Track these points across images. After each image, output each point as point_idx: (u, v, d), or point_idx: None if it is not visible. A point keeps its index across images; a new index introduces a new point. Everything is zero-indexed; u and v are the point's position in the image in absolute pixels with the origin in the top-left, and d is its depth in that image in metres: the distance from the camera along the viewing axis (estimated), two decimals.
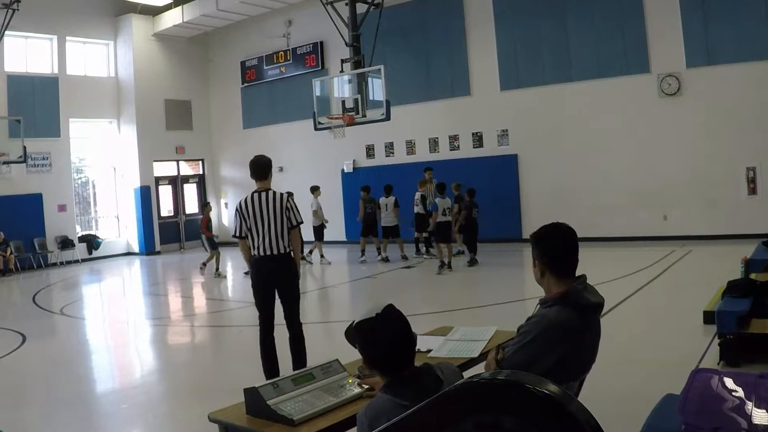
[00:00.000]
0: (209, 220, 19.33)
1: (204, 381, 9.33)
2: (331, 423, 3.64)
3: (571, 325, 3.64)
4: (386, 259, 18.64)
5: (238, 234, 7.92)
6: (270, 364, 7.92)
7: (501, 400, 2.09)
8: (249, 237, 7.87)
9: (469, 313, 11.80)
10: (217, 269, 18.72)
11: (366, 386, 3.95)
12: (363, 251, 19.44)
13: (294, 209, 7.91)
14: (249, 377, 8.67)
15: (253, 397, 3.79)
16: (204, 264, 18.97)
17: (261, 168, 8.07)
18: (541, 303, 3.84)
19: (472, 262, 16.74)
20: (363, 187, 19.61)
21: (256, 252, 7.83)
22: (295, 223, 7.84)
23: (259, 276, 7.90)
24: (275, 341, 8.01)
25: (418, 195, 18.76)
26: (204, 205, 21.06)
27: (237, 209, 7.98)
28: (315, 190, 19.86)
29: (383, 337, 3.14)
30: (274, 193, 7.90)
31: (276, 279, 7.88)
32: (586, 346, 3.77)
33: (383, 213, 18.93)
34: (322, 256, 19.81)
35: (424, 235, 18.89)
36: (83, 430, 7.65)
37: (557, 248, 3.85)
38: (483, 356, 4.41)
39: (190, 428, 7.35)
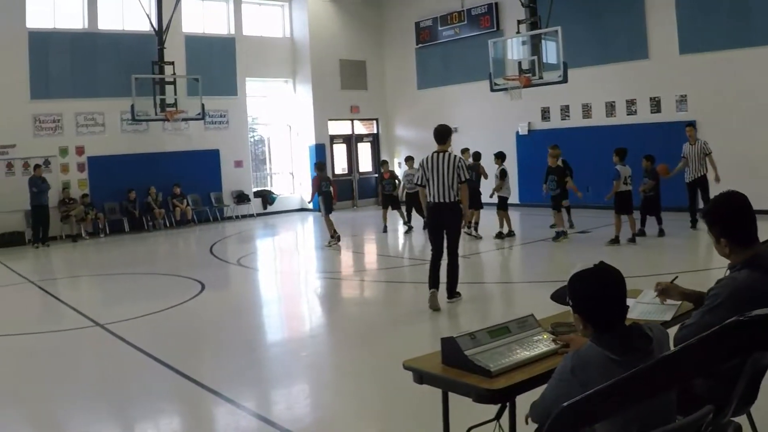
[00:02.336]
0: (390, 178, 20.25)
1: (381, 333, 9.64)
2: (527, 376, 3.65)
3: (759, 287, 3.65)
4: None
5: (419, 183, 10.45)
6: (434, 275, 10.39)
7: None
8: (427, 187, 10.23)
9: (652, 281, 11.67)
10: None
11: (561, 342, 4.00)
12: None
13: (463, 168, 10.14)
14: (425, 332, 8.95)
15: (450, 346, 3.83)
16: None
17: (439, 134, 10.42)
18: (730, 268, 3.93)
19: (661, 233, 16.10)
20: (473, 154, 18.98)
21: (431, 199, 10.21)
22: (463, 179, 10.11)
23: (432, 218, 10.41)
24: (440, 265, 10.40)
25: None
26: (381, 164, 21.87)
27: (420, 164, 10.41)
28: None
29: (601, 288, 3.18)
30: (449, 154, 10.25)
31: (444, 221, 10.24)
32: None
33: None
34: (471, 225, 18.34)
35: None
36: (265, 375, 8.13)
37: (737, 217, 3.89)
38: (675, 320, 4.42)
39: (378, 374, 7.79)
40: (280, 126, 28.42)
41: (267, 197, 26.91)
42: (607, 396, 2.55)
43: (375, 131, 29.64)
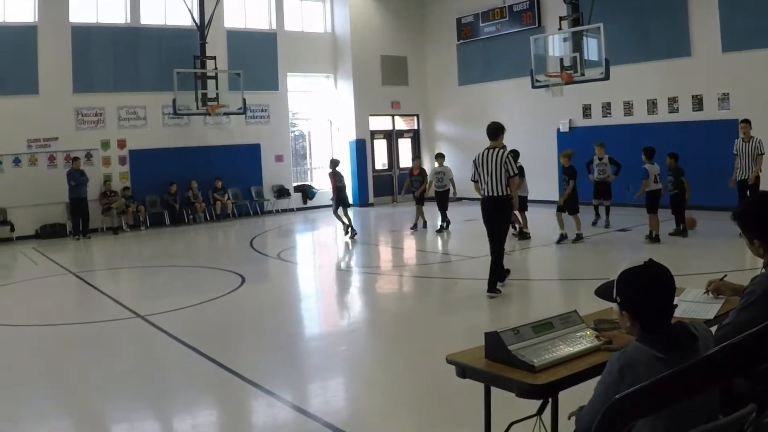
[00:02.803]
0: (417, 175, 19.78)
1: (419, 328, 9.66)
2: (570, 372, 3.66)
3: None
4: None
5: (472, 178, 11.04)
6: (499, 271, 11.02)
7: None
8: (478, 182, 10.85)
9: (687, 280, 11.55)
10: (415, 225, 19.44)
11: (603, 339, 3.99)
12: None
13: (511, 163, 10.66)
14: (462, 327, 8.95)
15: (493, 341, 3.84)
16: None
17: (492, 131, 10.94)
18: (765, 266, 3.97)
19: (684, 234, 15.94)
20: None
21: (483, 193, 10.78)
22: (511, 173, 10.65)
23: (483, 210, 10.89)
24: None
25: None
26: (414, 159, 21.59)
27: (473, 161, 10.98)
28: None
29: (650, 285, 3.16)
30: (499, 150, 10.73)
31: (494, 213, 10.75)
32: None
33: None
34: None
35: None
36: (304, 368, 8.19)
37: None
38: (717, 318, 4.40)
39: (416, 369, 7.81)
40: (320, 121, 28.49)
41: (307, 192, 26.99)
42: (655, 391, 2.54)
43: (415, 127, 29.58)
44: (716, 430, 2.80)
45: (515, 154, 17.01)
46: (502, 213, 10.81)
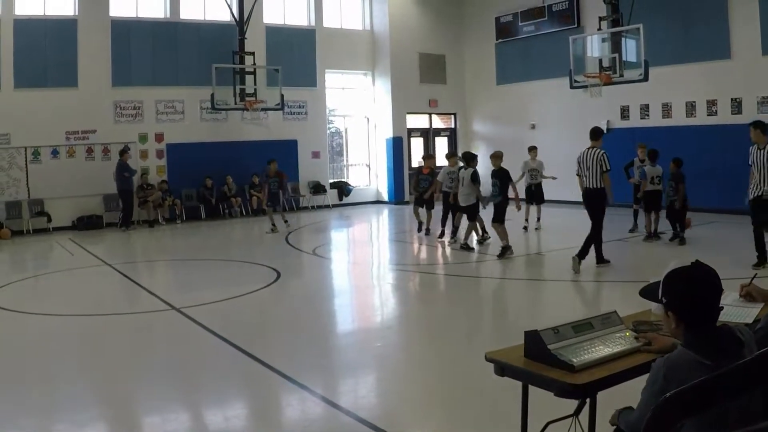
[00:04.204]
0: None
1: (453, 326, 9.65)
2: (609, 373, 3.63)
3: None
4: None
5: (576, 173, 13.17)
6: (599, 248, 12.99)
7: None
8: (581, 176, 12.96)
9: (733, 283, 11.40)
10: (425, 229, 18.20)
11: (643, 341, 3.96)
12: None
13: (604, 160, 12.61)
14: (497, 326, 8.91)
15: (533, 340, 3.82)
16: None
17: (592, 133, 13.13)
18: None
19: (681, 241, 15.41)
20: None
21: (584, 185, 12.88)
22: (605, 169, 12.59)
23: (584, 199, 12.99)
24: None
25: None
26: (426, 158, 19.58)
27: (577, 158, 13.13)
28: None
29: (700, 287, 3.12)
30: (597, 150, 12.79)
31: (592, 201, 12.83)
32: None
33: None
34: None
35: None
36: (338, 363, 8.20)
37: None
38: (756, 322, 4.34)
39: (451, 367, 7.80)
40: (358, 118, 28.55)
41: (343, 188, 27.04)
42: (702, 391, 2.51)
43: (452, 126, 29.51)
44: None
45: (473, 157, 16.33)
46: (598, 201, 12.77)
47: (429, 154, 20.94)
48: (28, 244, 19.40)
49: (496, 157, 15.09)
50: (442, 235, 17.34)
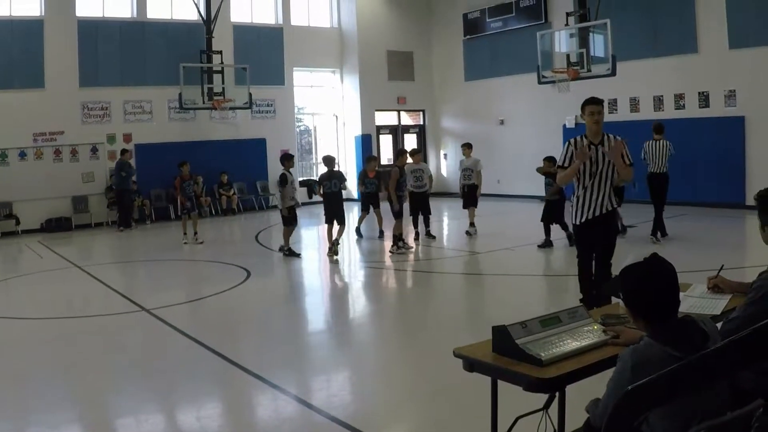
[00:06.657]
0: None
1: (425, 322, 9.68)
2: (577, 366, 3.66)
3: None
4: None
5: (642, 157, 14.37)
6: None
7: None
8: (650, 163, 14.59)
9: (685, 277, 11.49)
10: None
11: (611, 334, 3.98)
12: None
13: (669, 149, 14.59)
14: (469, 322, 8.95)
15: (501, 335, 3.83)
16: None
17: (655, 128, 14.64)
18: None
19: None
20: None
21: (651, 170, 14.54)
22: (671, 153, 14.66)
23: (650, 182, 14.67)
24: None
25: None
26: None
27: (643, 147, 14.64)
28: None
29: (654, 281, 3.13)
30: (663, 141, 14.54)
31: (657, 183, 14.59)
32: None
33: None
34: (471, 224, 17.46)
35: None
36: (309, 362, 8.20)
37: None
38: (724, 314, 4.39)
39: (423, 364, 7.82)
40: (326, 116, 28.54)
41: (312, 187, 26.89)
42: (664, 382, 2.54)
43: (421, 122, 29.58)
44: (724, 426, 2.79)
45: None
46: (663, 184, 14.58)
47: (372, 156, 19.92)
48: None
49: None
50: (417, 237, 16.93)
